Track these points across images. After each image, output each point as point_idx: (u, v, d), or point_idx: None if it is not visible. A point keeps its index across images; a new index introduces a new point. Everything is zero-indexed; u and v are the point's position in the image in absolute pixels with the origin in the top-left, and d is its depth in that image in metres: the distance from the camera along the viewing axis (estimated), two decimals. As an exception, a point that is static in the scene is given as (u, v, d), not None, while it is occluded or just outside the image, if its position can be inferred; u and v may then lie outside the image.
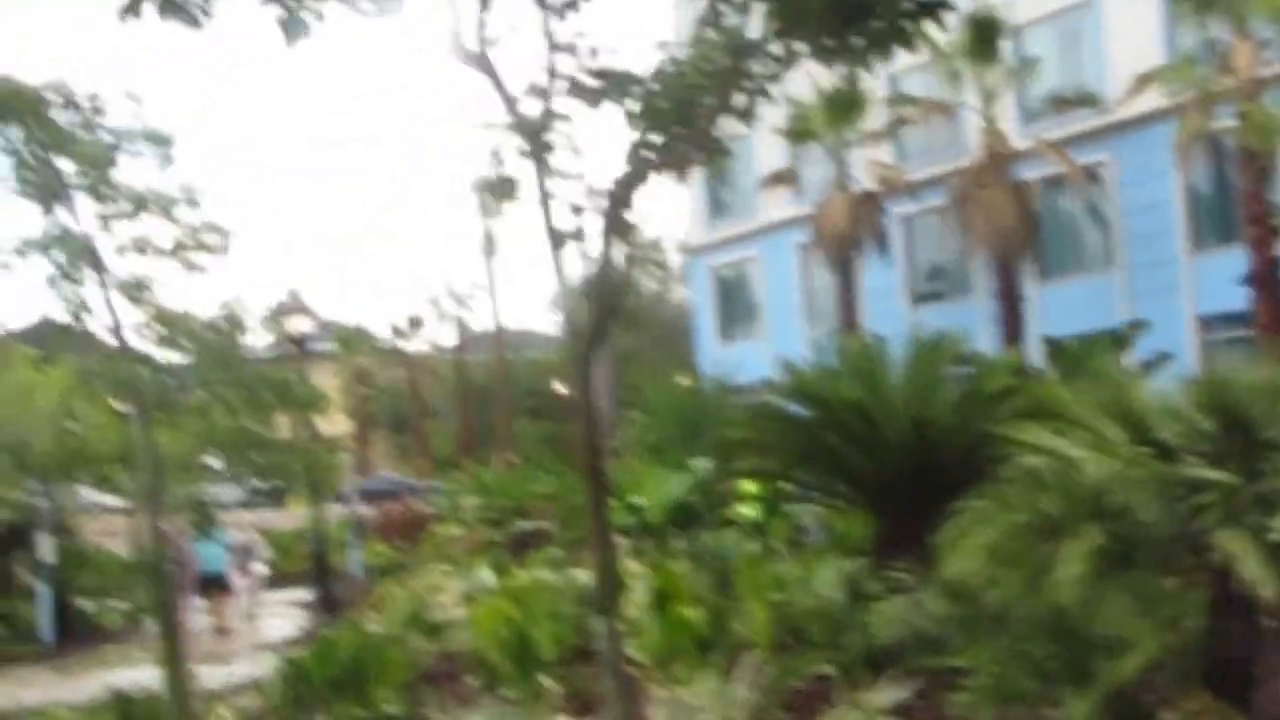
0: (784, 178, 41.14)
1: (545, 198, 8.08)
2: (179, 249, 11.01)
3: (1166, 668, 7.78)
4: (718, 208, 50.85)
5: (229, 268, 11.67)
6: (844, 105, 37.77)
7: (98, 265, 11.21)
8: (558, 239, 8.10)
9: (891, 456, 10.64)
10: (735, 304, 50.20)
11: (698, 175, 49.49)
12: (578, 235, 8.24)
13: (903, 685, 9.83)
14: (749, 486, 24.82)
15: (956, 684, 9.05)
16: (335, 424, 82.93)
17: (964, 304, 40.40)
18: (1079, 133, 36.64)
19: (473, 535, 31.33)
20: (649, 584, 14.26)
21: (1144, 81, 31.68)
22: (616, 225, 8.04)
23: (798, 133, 39.06)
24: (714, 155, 9.34)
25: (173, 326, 11.20)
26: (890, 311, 40.12)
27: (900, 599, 10.51)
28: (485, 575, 20.51)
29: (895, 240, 40.58)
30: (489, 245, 65.25)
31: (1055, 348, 18.48)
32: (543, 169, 8.13)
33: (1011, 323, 33.82)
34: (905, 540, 11.62)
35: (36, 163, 10.67)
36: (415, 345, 73.80)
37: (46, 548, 24.27)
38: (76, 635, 24.31)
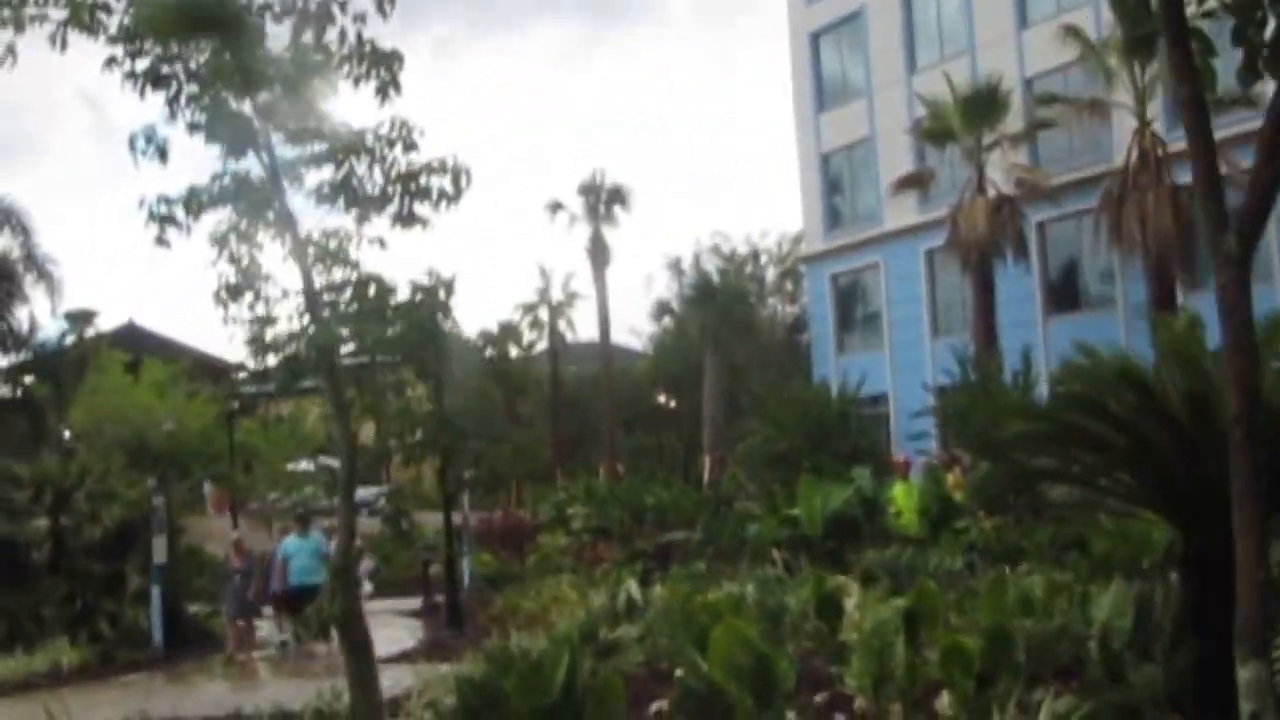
0: (918, 180, 39.32)
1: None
2: (389, 200, 9.33)
3: None
4: (835, 215, 49.10)
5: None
6: (983, 105, 36.05)
7: (287, 219, 9.58)
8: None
9: (1219, 456, 8.80)
10: (853, 314, 48.47)
11: (815, 181, 48.42)
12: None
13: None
14: (902, 497, 23.39)
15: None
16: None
17: (1103, 314, 38.71)
18: (1233, 135, 34.53)
19: (596, 547, 29.90)
20: (878, 606, 12.57)
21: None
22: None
23: (935, 133, 37.30)
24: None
25: (375, 292, 9.52)
26: (1022, 321, 38.38)
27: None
28: (633, 589, 19.09)
29: (1030, 247, 38.52)
30: (599, 252, 62.80)
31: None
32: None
33: (1166, 334, 31.69)
34: (1217, 559, 9.70)
35: (223, 90, 9.08)
36: (508, 351, 72.01)
37: (159, 548, 22.79)
38: (187, 640, 22.89)
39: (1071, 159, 38.63)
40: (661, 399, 57.93)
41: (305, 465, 47.01)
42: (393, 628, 25.66)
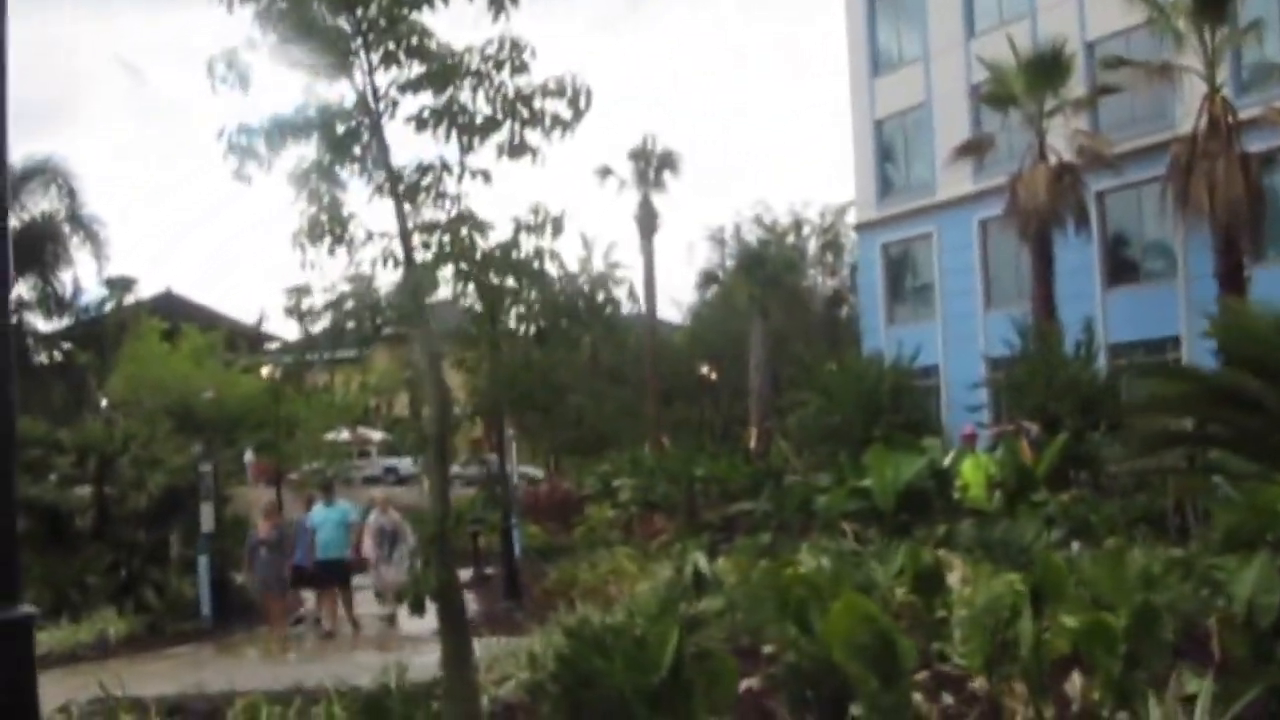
0: (977, 146, 38.34)
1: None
2: (497, 126, 8.51)
3: None
4: (888, 183, 48.17)
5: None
6: (1045, 69, 35.07)
7: (381, 150, 8.79)
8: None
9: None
10: (904, 284, 47.59)
11: (868, 149, 47.44)
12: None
13: None
14: (970, 470, 22.69)
15: None
16: (457, 403, 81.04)
17: (1163, 285, 38.08)
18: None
19: (650, 520, 29.24)
20: (991, 580, 11.80)
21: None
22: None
23: (996, 98, 36.32)
24: None
25: (472, 229, 8.70)
26: (1080, 293, 37.54)
27: None
28: (700, 561, 18.41)
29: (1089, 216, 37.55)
30: (647, 219, 61.58)
31: None
32: None
33: (1235, 304, 30.76)
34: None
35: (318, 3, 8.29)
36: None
37: (207, 516, 22.13)
38: (234, 611, 22.21)
39: (1132, 126, 37.66)
40: (704, 371, 56.76)
41: (344, 435, 46.55)
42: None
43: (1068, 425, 26.45)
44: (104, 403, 39.41)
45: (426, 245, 9.02)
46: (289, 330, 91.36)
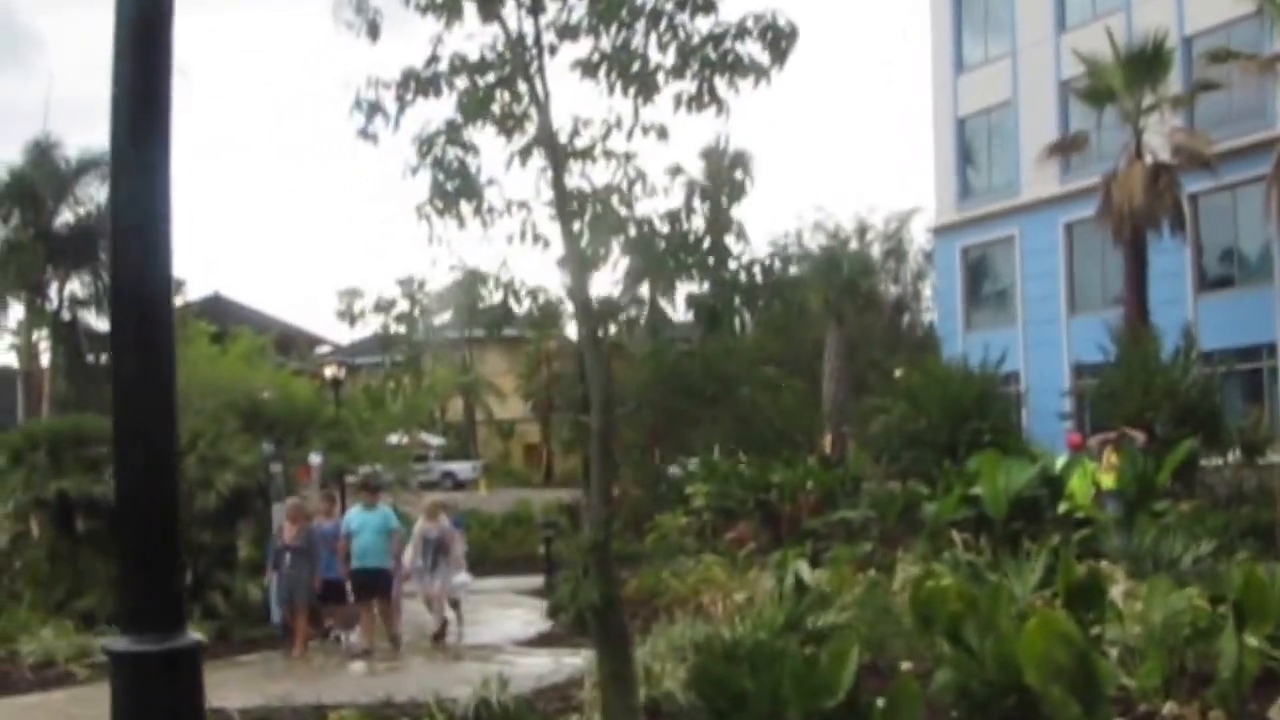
0: (1071, 144, 37.00)
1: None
2: (680, 73, 7.38)
3: None
4: (969, 184, 46.83)
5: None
6: (1145, 64, 33.70)
7: (536, 104, 7.65)
8: None
9: None
10: (983, 288, 46.25)
11: (949, 148, 46.06)
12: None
13: None
14: (1076, 478, 21.62)
15: None
16: (510, 408, 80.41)
17: (1258, 291, 36.69)
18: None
19: (737, 526, 28.04)
20: (1170, 596, 10.67)
21: None
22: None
23: (1093, 94, 34.96)
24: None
25: (639, 193, 7.58)
26: (1173, 298, 36.22)
27: None
28: (803, 570, 17.33)
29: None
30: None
31: None
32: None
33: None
34: None
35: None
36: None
37: (278, 518, 21.06)
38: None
39: (1228, 124, 36.19)
40: (768, 375, 55.28)
41: (402, 439, 45.55)
42: (521, 607, 24.10)
43: (1163, 434, 25.35)
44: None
45: (579, 214, 7.87)
46: (340, 333, 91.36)
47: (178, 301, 40.89)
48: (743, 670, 10.12)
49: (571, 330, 61.53)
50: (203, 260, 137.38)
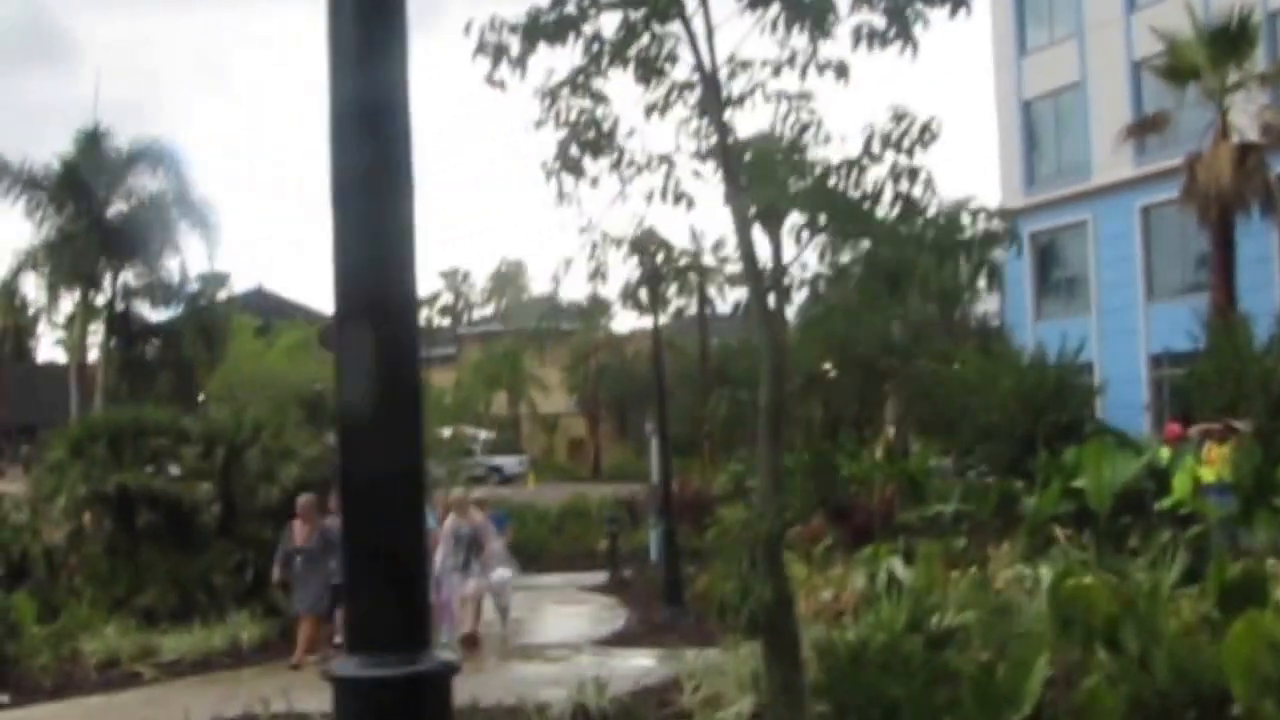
0: (1152, 124, 35.82)
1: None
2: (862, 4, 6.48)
3: None
4: (1036, 168, 45.67)
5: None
6: (1230, 40, 32.53)
7: (694, 40, 6.74)
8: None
9: None
10: (1053, 276, 45.03)
11: (1014, 132, 44.87)
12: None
13: None
14: (1181, 477, 20.59)
15: None
16: (554, 402, 79.71)
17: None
18: None
19: (810, 522, 27.09)
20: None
21: None
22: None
23: (1174, 72, 33.78)
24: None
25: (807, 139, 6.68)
26: (1260, 283, 34.88)
27: None
28: (896, 567, 16.52)
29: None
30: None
31: None
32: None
33: None
34: None
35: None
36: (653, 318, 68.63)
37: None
38: (368, 614, 20.17)
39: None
40: (825, 367, 54.24)
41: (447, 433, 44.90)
42: (589, 604, 23.31)
43: (1258, 426, 24.24)
44: (199, 399, 38.05)
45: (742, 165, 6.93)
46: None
47: (222, 295, 40.43)
48: (886, 676, 9.22)
49: (619, 323, 60.73)
50: (247, 253, 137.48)
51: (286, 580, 17.26)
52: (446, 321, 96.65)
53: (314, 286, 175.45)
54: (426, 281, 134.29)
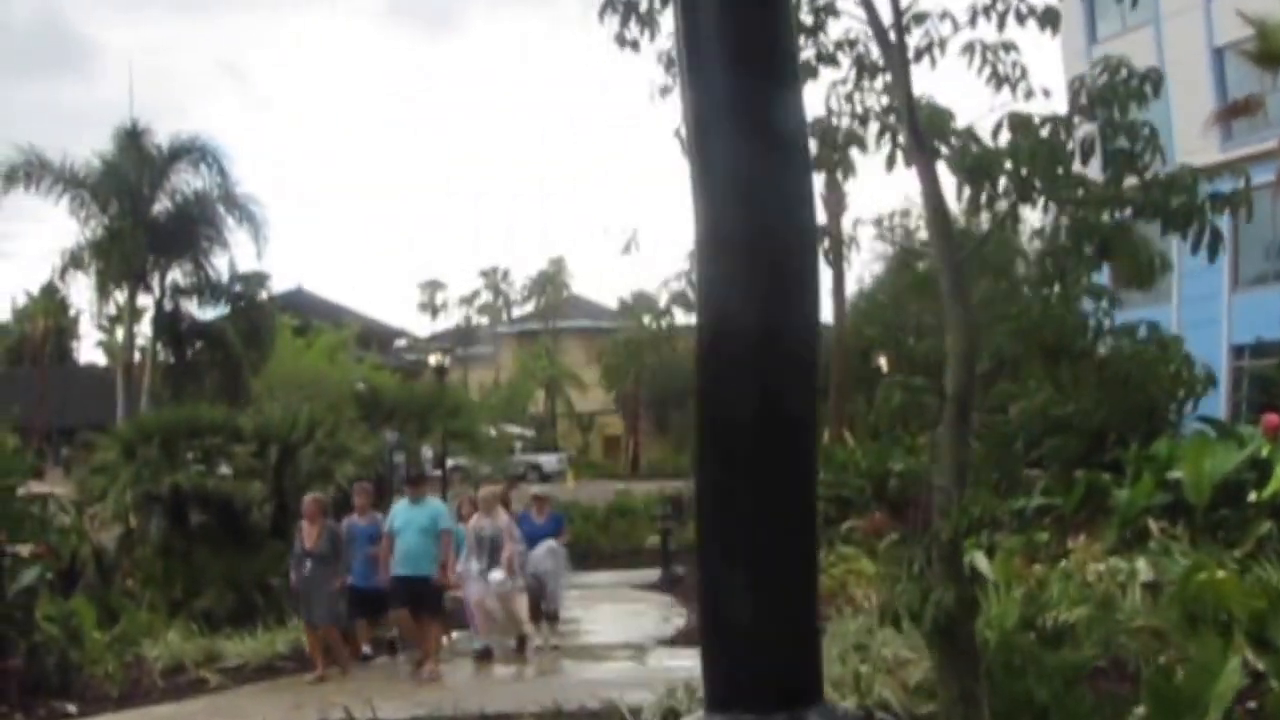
0: (1245, 107, 34.74)
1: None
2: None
3: None
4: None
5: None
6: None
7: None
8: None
9: None
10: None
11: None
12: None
13: None
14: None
15: None
16: (590, 400, 79.26)
17: None
18: None
19: (874, 516, 26.44)
20: None
21: None
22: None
23: (1266, 56, 32.79)
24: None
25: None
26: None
27: None
28: (980, 562, 15.66)
29: None
30: (834, 197, 57.02)
31: None
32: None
33: None
34: None
35: None
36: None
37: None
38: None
39: None
40: (867, 360, 53.41)
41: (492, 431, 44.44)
42: (646, 603, 22.61)
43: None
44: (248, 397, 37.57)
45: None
46: (420, 325, 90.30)
47: (263, 295, 39.87)
48: (1022, 679, 8.54)
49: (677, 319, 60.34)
50: (286, 253, 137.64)
51: (298, 588, 15.71)
52: (485, 320, 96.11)
53: (353, 286, 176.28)
54: (465, 281, 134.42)
